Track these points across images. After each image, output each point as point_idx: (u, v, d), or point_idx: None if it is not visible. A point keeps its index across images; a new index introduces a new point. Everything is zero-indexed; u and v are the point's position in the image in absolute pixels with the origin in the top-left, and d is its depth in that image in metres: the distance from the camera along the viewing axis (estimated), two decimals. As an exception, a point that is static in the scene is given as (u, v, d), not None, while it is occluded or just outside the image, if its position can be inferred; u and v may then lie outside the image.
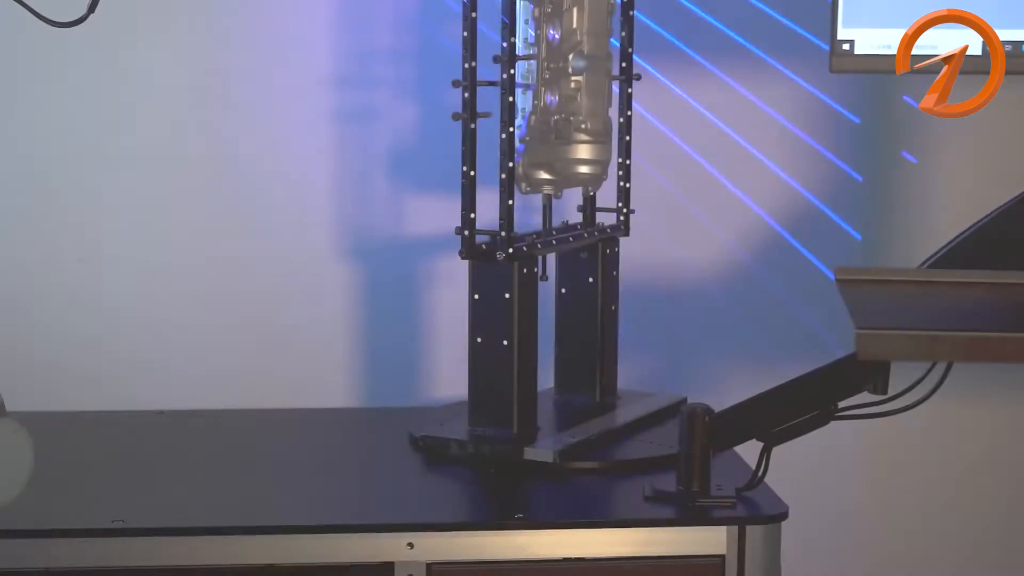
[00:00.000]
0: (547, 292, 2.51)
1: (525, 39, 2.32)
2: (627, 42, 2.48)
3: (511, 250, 2.26)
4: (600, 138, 2.36)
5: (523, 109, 2.34)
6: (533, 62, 2.32)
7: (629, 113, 2.49)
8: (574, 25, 2.33)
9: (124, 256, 2.73)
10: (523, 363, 2.33)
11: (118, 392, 2.71)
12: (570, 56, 2.33)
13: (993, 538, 3.00)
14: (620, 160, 2.50)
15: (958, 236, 2.12)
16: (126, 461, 2.38)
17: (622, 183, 2.51)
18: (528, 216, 2.53)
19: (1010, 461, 2.98)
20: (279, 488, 2.30)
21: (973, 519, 3.00)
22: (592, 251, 2.49)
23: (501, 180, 2.26)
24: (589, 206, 2.51)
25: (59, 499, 2.17)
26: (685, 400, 2.15)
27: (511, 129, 2.25)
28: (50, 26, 2.07)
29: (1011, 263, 2.07)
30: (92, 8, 2.08)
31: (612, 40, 2.43)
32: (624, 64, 2.48)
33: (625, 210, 2.51)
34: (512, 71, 2.25)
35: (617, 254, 2.52)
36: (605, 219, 2.55)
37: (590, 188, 2.45)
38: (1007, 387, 2.93)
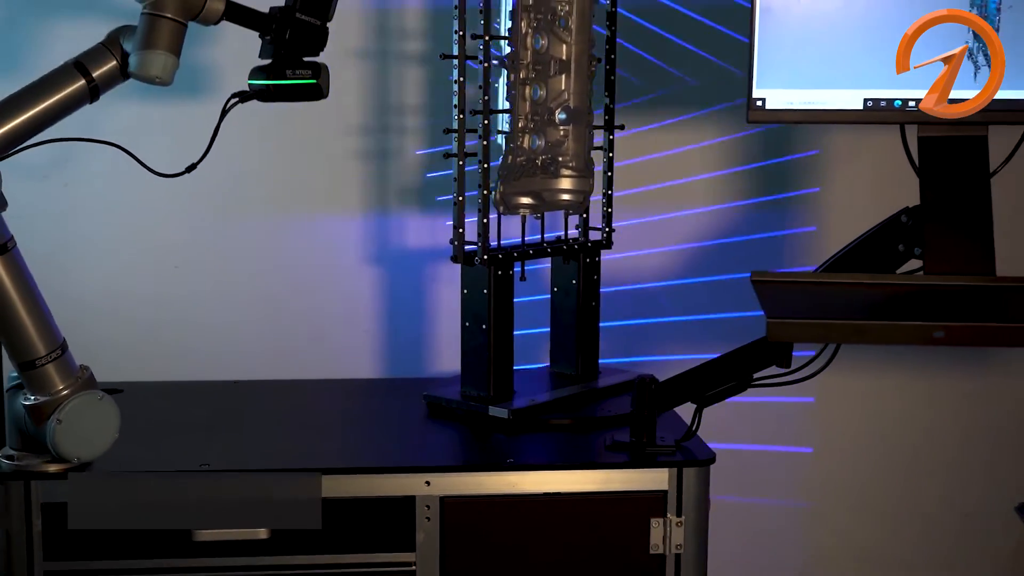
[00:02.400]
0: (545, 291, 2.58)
1: (504, 97, 2.35)
2: (611, 100, 2.50)
3: (486, 256, 2.30)
4: (582, 173, 2.38)
5: (503, 148, 2.36)
6: (508, 115, 2.34)
7: (611, 155, 2.51)
8: (562, 87, 2.36)
9: (208, 264, 2.74)
10: (498, 342, 2.36)
11: (203, 366, 2.73)
12: (558, 110, 2.35)
13: (869, 470, 3.02)
14: (604, 191, 2.53)
15: (845, 247, 2.15)
16: (210, 419, 2.41)
17: (606, 208, 2.53)
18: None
19: (884, 418, 3.00)
20: (325, 439, 2.33)
21: (854, 461, 3.01)
22: (576, 259, 2.50)
23: (478, 204, 2.30)
24: (584, 225, 2.52)
25: (160, 447, 2.21)
26: (653, 377, 2.17)
27: (486, 166, 2.29)
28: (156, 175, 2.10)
29: (885, 267, 2.10)
30: (190, 169, 2.09)
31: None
32: (607, 117, 2.51)
33: (607, 229, 2.53)
34: (487, 122, 2.28)
35: (598, 263, 2.53)
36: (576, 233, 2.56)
37: (571, 212, 2.47)
38: (884, 362, 2.95)
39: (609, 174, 2.52)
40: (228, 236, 2.75)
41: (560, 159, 2.37)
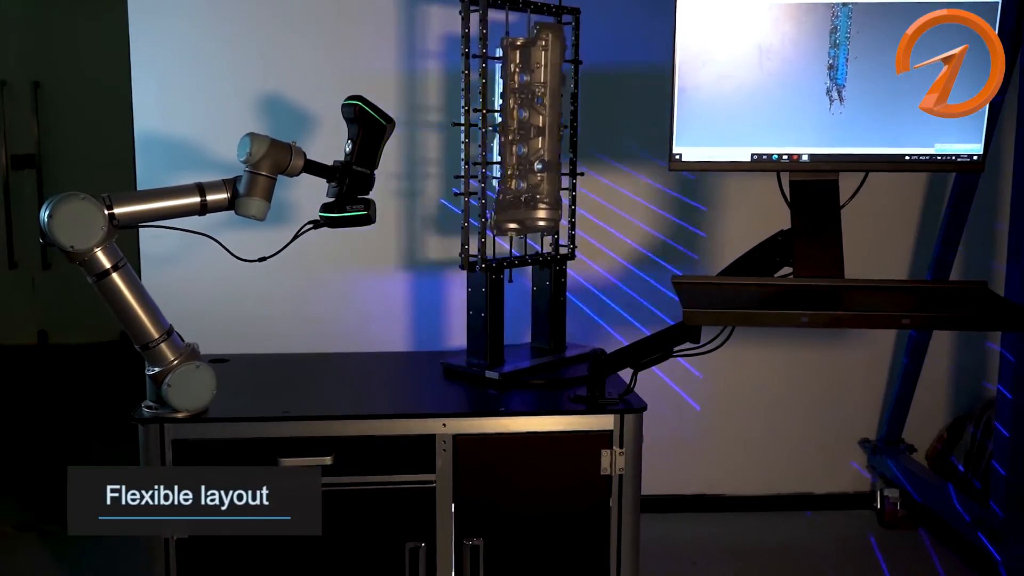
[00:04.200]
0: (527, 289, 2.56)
1: (497, 152, 2.35)
2: (575, 154, 2.49)
3: (483, 266, 2.31)
4: (554, 206, 2.38)
5: (496, 189, 2.36)
6: (499, 166, 2.35)
7: (574, 193, 2.50)
8: (539, 146, 2.35)
9: (291, 271, 2.70)
10: (492, 326, 2.36)
11: (286, 342, 2.71)
12: (536, 162, 2.35)
13: (748, 415, 3.03)
14: (570, 219, 2.51)
15: (738, 258, 2.15)
16: (291, 379, 2.40)
17: (571, 232, 2.51)
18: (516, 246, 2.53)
19: (763, 378, 3.01)
20: (370, 392, 2.34)
21: (737, 408, 3.02)
22: (550, 267, 2.49)
23: (479, 228, 2.31)
24: (555, 243, 2.52)
25: (255, 400, 2.21)
26: (603, 350, 2.17)
27: (483, 201, 2.31)
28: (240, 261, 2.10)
29: (766, 272, 2.11)
30: (262, 259, 2.10)
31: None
32: (572, 167, 2.49)
33: (572, 246, 2.51)
34: (484, 171, 2.30)
35: (565, 270, 2.52)
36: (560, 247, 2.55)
37: (546, 233, 2.46)
38: (766, 339, 2.96)
39: (573, 207, 2.51)
40: (303, 250, 2.73)
41: (538, 196, 2.37)
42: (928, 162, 2.08)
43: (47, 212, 1.89)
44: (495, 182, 2.35)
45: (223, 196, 2.02)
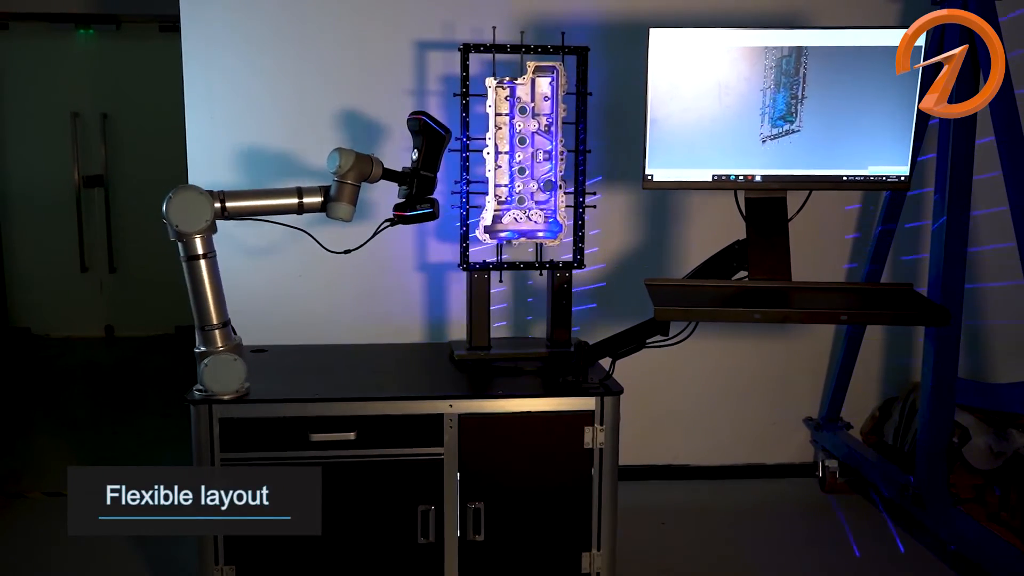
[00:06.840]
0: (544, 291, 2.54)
1: (488, 169, 2.33)
2: (584, 177, 2.39)
3: (466, 266, 2.34)
4: (555, 220, 2.36)
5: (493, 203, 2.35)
6: (491, 181, 2.34)
7: (581, 210, 2.41)
8: (546, 169, 2.35)
9: (324, 274, 2.70)
10: (475, 316, 2.38)
11: (317, 335, 2.68)
12: (542, 182, 2.34)
13: (709, 397, 3.02)
14: (580, 233, 2.43)
15: (701, 263, 2.14)
16: (321, 367, 2.38)
17: (579, 244, 2.43)
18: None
19: (721, 365, 3.00)
20: (388, 377, 2.31)
21: (697, 392, 3.01)
22: (557, 272, 2.44)
23: (474, 237, 2.32)
24: (546, 255, 2.50)
25: (289, 384, 2.18)
26: (586, 341, 2.16)
27: (464, 213, 2.32)
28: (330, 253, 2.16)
29: (725, 275, 2.10)
30: (346, 252, 2.16)
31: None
32: (578, 187, 2.40)
33: (579, 257, 2.44)
34: (468, 187, 2.31)
35: (571, 277, 2.46)
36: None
37: (549, 244, 2.40)
38: (725, 332, 2.95)
39: (580, 223, 2.44)
40: (333, 257, 2.72)
41: (542, 211, 2.37)
42: (862, 182, 2.08)
43: (170, 196, 1.97)
44: (484, 199, 2.34)
45: (318, 200, 2.06)
